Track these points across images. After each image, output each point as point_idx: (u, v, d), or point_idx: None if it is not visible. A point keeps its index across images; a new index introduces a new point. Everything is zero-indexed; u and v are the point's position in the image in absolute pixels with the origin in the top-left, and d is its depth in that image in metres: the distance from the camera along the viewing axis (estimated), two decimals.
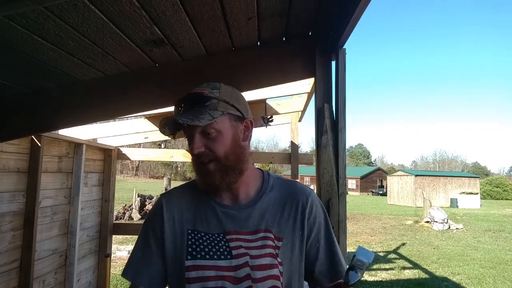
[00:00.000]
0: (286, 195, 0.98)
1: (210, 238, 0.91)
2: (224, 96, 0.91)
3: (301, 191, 0.99)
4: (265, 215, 0.93)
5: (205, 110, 0.87)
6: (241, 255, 0.88)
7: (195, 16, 1.32)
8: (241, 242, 0.90)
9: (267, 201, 0.96)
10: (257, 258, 0.88)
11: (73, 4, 1.08)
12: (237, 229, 0.91)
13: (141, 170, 55.36)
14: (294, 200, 0.97)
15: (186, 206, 0.97)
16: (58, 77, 1.63)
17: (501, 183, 36.95)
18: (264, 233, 0.91)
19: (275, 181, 1.01)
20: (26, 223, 2.60)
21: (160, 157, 4.45)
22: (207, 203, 0.95)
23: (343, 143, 1.58)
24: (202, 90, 0.90)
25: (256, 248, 0.89)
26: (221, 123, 0.88)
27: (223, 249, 0.89)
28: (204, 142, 0.88)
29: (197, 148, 0.87)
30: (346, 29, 1.39)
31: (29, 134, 2.43)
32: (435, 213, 12.90)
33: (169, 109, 2.92)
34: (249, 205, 0.95)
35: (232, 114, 0.91)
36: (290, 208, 0.96)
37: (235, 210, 0.94)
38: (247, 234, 0.91)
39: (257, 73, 1.73)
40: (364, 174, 43.69)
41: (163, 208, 0.96)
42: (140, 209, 13.28)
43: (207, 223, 0.93)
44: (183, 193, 1.01)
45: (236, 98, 0.94)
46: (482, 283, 6.33)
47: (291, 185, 1.02)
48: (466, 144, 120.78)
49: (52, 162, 3.01)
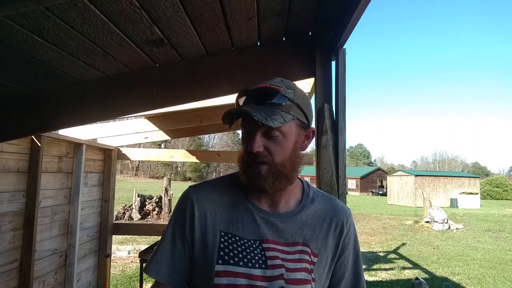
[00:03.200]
0: (326, 210, 0.94)
1: (245, 243, 0.85)
2: (298, 100, 0.85)
3: (342, 209, 0.96)
4: (304, 228, 0.89)
5: (277, 110, 0.82)
6: (277, 266, 0.83)
7: (195, 16, 1.32)
8: (278, 252, 0.85)
9: (307, 214, 0.91)
10: (293, 272, 0.84)
11: (73, 4, 1.08)
12: (274, 239, 0.86)
13: (141, 170, 55.37)
14: (334, 217, 0.93)
15: (220, 205, 0.90)
16: (58, 77, 1.63)
17: (501, 183, 36.98)
18: (302, 246, 0.88)
19: (315, 193, 0.97)
20: (26, 223, 2.60)
21: (160, 157, 4.45)
22: (244, 205, 0.89)
23: (343, 143, 1.58)
24: (277, 86, 0.84)
25: (293, 261, 0.85)
26: (288, 127, 0.83)
27: (258, 257, 0.84)
28: (265, 142, 0.83)
29: (257, 147, 0.81)
30: (346, 29, 1.39)
31: (29, 134, 2.43)
32: (435, 213, 12.90)
33: (169, 109, 2.92)
34: (289, 215, 0.90)
35: (300, 120, 0.86)
36: (329, 225, 0.92)
37: (274, 218, 0.88)
38: (285, 245, 0.86)
39: (257, 73, 1.73)
40: (364, 174, 43.68)
41: (193, 204, 0.89)
42: (140, 209, 13.28)
43: (243, 227, 0.87)
44: (216, 189, 0.93)
45: (307, 104, 0.89)
46: (482, 283, 6.32)
47: (331, 200, 0.98)
48: (466, 140, 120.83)
49: (52, 162, 3.01)
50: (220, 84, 1.72)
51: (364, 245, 9.64)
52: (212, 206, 0.89)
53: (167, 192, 13.38)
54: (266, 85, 0.85)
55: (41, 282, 2.86)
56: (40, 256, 2.83)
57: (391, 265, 7.53)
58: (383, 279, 6.42)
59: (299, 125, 0.87)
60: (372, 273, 6.82)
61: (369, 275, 6.63)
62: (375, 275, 6.66)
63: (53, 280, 3.05)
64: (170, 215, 1.01)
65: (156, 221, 12.52)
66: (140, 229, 4.89)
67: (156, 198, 13.96)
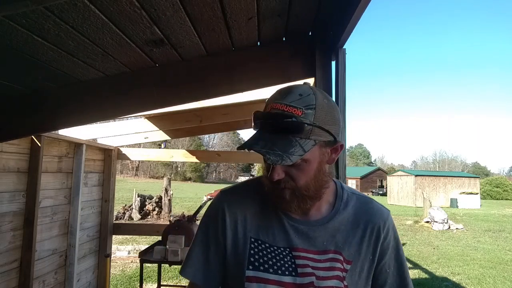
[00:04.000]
0: (361, 214, 0.90)
1: (275, 251, 0.84)
2: (319, 121, 0.76)
3: (379, 212, 0.91)
4: (336, 235, 0.86)
5: (295, 139, 0.74)
6: (307, 274, 0.82)
7: (195, 16, 1.32)
8: (308, 261, 0.84)
9: (340, 220, 0.88)
10: (324, 280, 0.82)
11: (73, 4, 1.08)
12: (305, 247, 0.85)
13: (141, 170, 55.36)
14: (370, 222, 0.89)
15: (250, 211, 0.89)
16: (58, 77, 1.63)
17: (501, 183, 36.97)
18: (334, 254, 0.85)
19: (349, 196, 0.92)
20: (26, 223, 2.60)
21: (160, 157, 4.45)
22: (274, 213, 0.88)
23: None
24: (294, 108, 0.75)
25: (324, 269, 0.83)
26: (310, 153, 0.77)
27: (288, 265, 0.83)
28: (285, 168, 0.79)
29: (277, 176, 0.78)
30: (346, 29, 1.39)
31: (29, 134, 2.43)
32: (435, 213, 12.90)
33: (169, 109, 2.92)
34: (320, 223, 0.87)
35: (324, 141, 0.79)
36: (364, 230, 0.88)
37: (305, 225, 0.86)
38: (315, 253, 0.85)
39: (257, 73, 1.73)
40: (364, 174, 43.70)
41: (225, 211, 0.89)
42: (140, 209, 13.28)
43: (273, 234, 0.86)
44: (246, 195, 0.92)
45: (332, 119, 0.79)
46: (482, 283, 6.32)
47: (367, 202, 0.93)
48: (466, 140, 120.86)
49: (52, 162, 3.01)
50: (220, 84, 1.72)
51: None
52: (242, 212, 0.89)
53: (167, 192, 13.39)
54: (281, 108, 0.75)
55: (41, 282, 2.86)
56: (40, 256, 2.83)
57: None
58: None
59: (323, 145, 0.80)
60: None
61: None
62: None
63: (53, 280, 3.05)
64: (200, 218, 0.96)
65: (156, 221, 12.52)
66: (140, 229, 4.89)
67: (156, 198, 13.96)
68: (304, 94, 0.77)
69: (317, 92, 0.80)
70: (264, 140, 0.75)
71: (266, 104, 0.81)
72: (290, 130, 0.74)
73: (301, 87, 0.79)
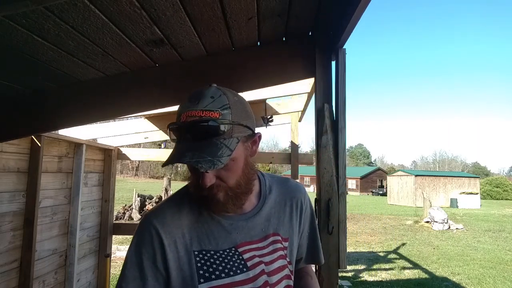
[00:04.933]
0: (284, 194, 0.99)
1: (221, 255, 0.84)
2: (236, 115, 0.78)
3: (296, 187, 1.02)
4: (270, 219, 0.93)
5: (219, 141, 0.75)
6: (256, 264, 0.86)
7: (195, 16, 1.32)
8: (254, 251, 0.88)
9: (270, 204, 0.95)
10: (271, 264, 0.88)
11: (73, 4, 1.08)
12: (247, 239, 0.88)
13: (141, 170, 55.36)
14: (293, 198, 0.99)
15: (185, 225, 0.85)
16: (58, 77, 1.63)
17: (501, 183, 36.97)
18: (273, 236, 0.92)
19: (270, 181, 1.00)
20: (26, 223, 2.60)
21: (160, 157, 4.45)
22: (211, 218, 0.87)
23: (343, 143, 1.58)
24: (211, 112, 0.75)
25: (269, 253, 0.89)
26: (236, 150, 0.78)
27: (238, 263, 0.84)
28: (215, 172, 0.79)
29: (209, 182, 0.78)
30: (346, 29, 1.39)
31: (29, 134, 2.43)
32: (435, 213, 12.90)
33: (169, 109, 2.92)
34: (254, 212, 0.91)
35: (245, 136, 0.82)
36: (290, 207, 0.98)
37: (242, 220, 0.89)
38: (258, 241, 0.89)
39: (257, 73, 1.73)
40: (364, 174, 43.68)
41: (160, 234, 0.82)
42: (140, 209, 13.27)
43: (215, 239, 0.85)
44: (177, 210, 0.87)
45: (245, 112, 0.83)
46: (482, 283, 6.32)
47: (285, 182, 1.03)
48: (466, 140, 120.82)
49: (52, 162, 3.01)
50: (220, 84, 1.71)
51: (364, 245, 9.64)
52: (179, 229, 0.84)
53: (167, 192, 13.39)
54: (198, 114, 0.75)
55: (41, 282, 2.86)
56: (40, 256, 2.83)
57: (391, 265, 7.53)
58: (383, 279, 6.42)
59: (245, 140, 0.83)
60: (372, 273, 6.82)
61: (369, 275, 6.63)
62: (375, 275, 6.66)
63: (53, 280, 3.05)
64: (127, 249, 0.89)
65: None
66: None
67: (156, 198, 13.96)
68: (216, 95, 0.79)
69: (226, 91, 0.82)
70: (191, 151, 0.75)
71: (178, 113, 0.80)
72: (213, 134, 0.75)
73: (210, 90, 0.80)
